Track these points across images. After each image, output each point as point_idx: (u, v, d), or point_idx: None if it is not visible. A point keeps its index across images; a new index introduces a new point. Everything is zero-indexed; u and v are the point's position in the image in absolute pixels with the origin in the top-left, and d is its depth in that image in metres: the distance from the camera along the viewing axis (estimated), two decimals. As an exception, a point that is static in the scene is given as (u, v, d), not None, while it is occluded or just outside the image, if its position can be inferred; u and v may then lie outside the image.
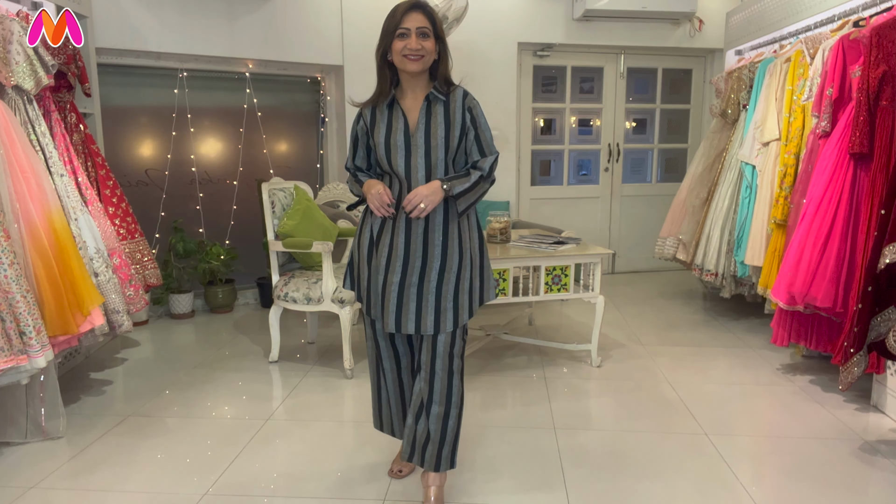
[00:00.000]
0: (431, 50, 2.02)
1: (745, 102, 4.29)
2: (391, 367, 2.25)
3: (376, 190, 2.04)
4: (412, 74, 2.04)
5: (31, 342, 2.38)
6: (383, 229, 2.09)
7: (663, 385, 3.25)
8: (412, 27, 1.98)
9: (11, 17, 2.78)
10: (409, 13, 2.00)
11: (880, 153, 2.66)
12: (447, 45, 2.08)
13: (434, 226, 2.05)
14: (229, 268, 4.65)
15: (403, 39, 1.99)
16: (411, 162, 2.03)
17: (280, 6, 4.71)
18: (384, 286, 2.06)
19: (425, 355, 2.09)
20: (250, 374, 3.44)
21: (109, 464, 2.46)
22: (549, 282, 3.30)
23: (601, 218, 6.02)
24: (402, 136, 2.04)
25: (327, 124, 5.25)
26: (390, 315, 2.05)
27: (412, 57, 1.99)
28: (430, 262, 2.04)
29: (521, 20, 5.34)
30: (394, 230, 2.06)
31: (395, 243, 2.05)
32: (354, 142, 2.19)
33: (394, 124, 2.05)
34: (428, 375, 2.09)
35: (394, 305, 2.04)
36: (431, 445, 2.12)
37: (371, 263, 2.12)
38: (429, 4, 2.06)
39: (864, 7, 3.39)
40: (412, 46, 1.98)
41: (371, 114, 2.10)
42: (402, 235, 2.05)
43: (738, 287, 4.22)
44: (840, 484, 2.31)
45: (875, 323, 2.58)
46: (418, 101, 2.07)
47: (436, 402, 2.10)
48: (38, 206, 2.61)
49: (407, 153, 2.03)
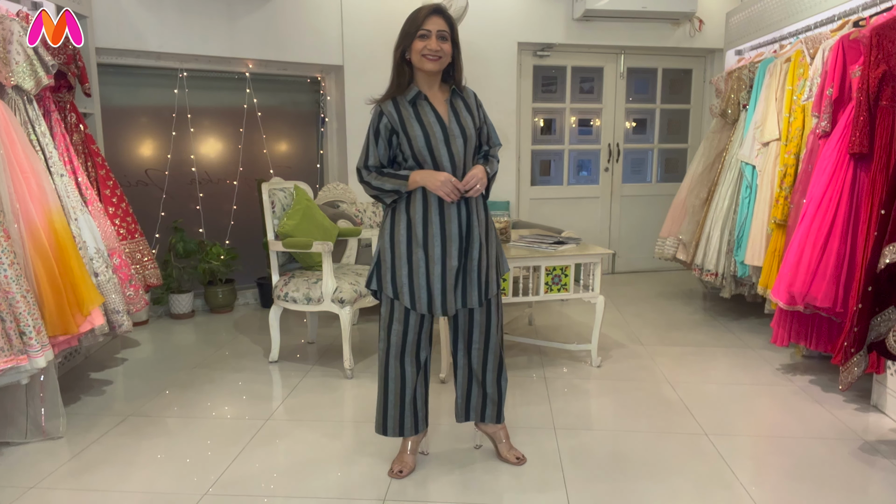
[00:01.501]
0: (448, 53, 2.18)
1: (745, 102, 4.29)
2: (425, 357, 2.35)
3: (445, 177, 2.14)
4: (428, 73, 2.19)
5: (31, 342, 2.38)
6: (428, 220, 2.19)
7: (663, 385, 3.25)
8: (433, 29, 2.14)
9: (11, 17, 2.78)
10: (431, 16, 2.15)
11: (880, 153, 2.66)
12: (461, 52, 2.24)
13: (473, 208, 2.23)
14: (229, 268, 4.65)
15: (424, 40, 2.14)
16: (452, 150, 2.18)
17: (280, 6, 4.71)
18: (444, 272, 2.20)
19: (479, 326, 2.32)
20: (250, 374, 3.44)
21: (109, 464, 2.45)
22: (549, 282, 3.30)
23: (601, 218, 6.02)
24: (439, 127, 2.18)
25: (327, 124, 5.25)
26: (452, 296, 2.21)
27: (431, 57, 2.14)
28: (477, 240, 2.23)
29: (521, 20, 5.33)
30: (444, 217, 2.19)
31: (449, 229, 2.19)
32: (375, 138, 2.22)
33: (424, 118, 2.18)
34: (483, 345, 2.35)
35: (460, 287, 2.23)
36: (491, 404, 2.43)
37: (413, 257, 2.20)
38: (448, 10, 2.21)
39: (864, 7, 3.39)
40: (432, 47, 2.13)
41: (395, 110, 2.19)
42: (455, 220, 2.19)
43: (738, 287, 4.22)
44: (840, 484, 2.31)
45: (875, 323, 2.58)
46: (437, 97, 2.24)
47: (491, 368, 2.38)
48: (38, 206, 2.61)
49: (446, 142, 2.18)
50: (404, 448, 2.40)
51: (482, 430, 2.53)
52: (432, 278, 2.20)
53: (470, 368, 2.39)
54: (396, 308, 2.26)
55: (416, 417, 2.38)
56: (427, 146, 2.16)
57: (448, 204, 2.18)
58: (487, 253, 2.28)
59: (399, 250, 2.21)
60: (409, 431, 2.37)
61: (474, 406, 2.44)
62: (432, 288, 2.21)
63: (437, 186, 2.13)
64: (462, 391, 2.44)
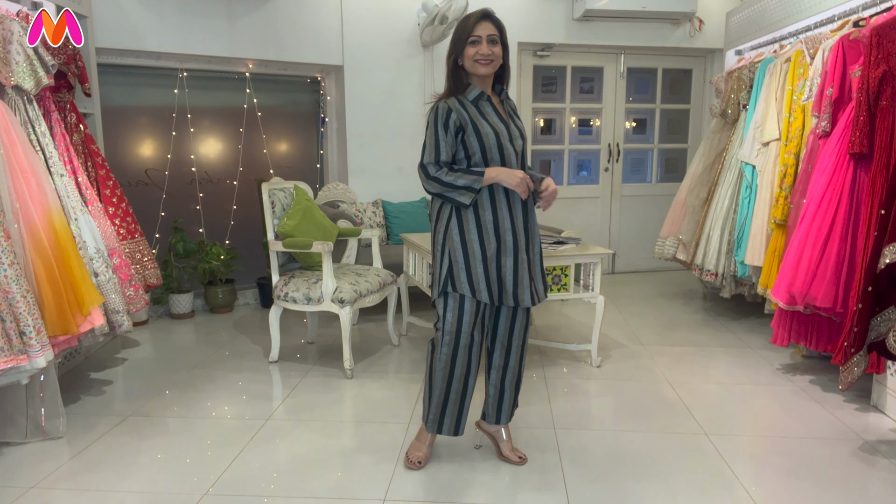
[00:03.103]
0: (499, 55, 2.24)
1: (745, 102, 4.29)
2: (477, 351, 2.37)
3: (522, 174, 2.22)
4: (482, 77, 2.27)
5: (31, 342, 2.38)
6: (498, 217, 2.26)
7: (663, 385, 3.25)
8: (483, 34, 2.20)
9: (11, 17, 2.78)
10: (480, 22, 2.22)
11: (880, 153, 2.65)
12: (509, 53, 2.30)
13: (530, 208, 2.36)
14: (229, 268, 4.65)
15: (475, 46, 2.21)
16: (516, 149, 2.29)
17: (280, 6, 4.71)
18: (516, 263, 2.28)
19: (519, 326, 2.40)
20: (250, 374, 3.44)
21: (109, 464, 2.45)
22: (549, 282, 3.30)
23: (601, 218, 6.02)
24: (504, 127, 2.27)
25: (327, 124, 5.25)
26: (525, 290, 2.30)
27: (483, 62, 2.21)
28: (536, 238, 2.38)
29: (521, 20, 5.33)
30: (512, 214, 2.28)
31: (517, 225, 2.29)
32: (445, 132, 2.23)
33: (489, 118, 2.26)
34: (519, 344, 2.42)
35: (527, 280, 2.31)
36: (508, 402, 2.48)
37: (487, 252, 2.26)
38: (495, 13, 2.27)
39: (864, 7, 3.39)
40: (483, 52, 2.20)
41: (462, 108, 2.24)
42: (521, 217, 2.30)
43: (738, 287, 4.22)
44: (840, 484, 2.31)
45: (875, 323, 2.58)
46: (496, 99, 2.33)
47: (513, 368, 2.44)
48: (38, 206, 2.61)
49: (511, 141, 2.28)
50: (430, 442, 2.46)
51: (484, 429, 2.54)
52: (505, 270, 2.27)
53: (505, 370, 2.44)
54: (467, 304, 2.28)
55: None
56: (497, 144, 2.24)
57: (513, 203, 2.28)
58: (540, 255, 2.40)
59: (472, 248, 2.25)
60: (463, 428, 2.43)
61: (506, 408, 2.49)
62: (504, 279, 2.27)
63: (517, 183, 2.21)
64: (495, 392, 2.47)
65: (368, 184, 5.11)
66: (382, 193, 5.08)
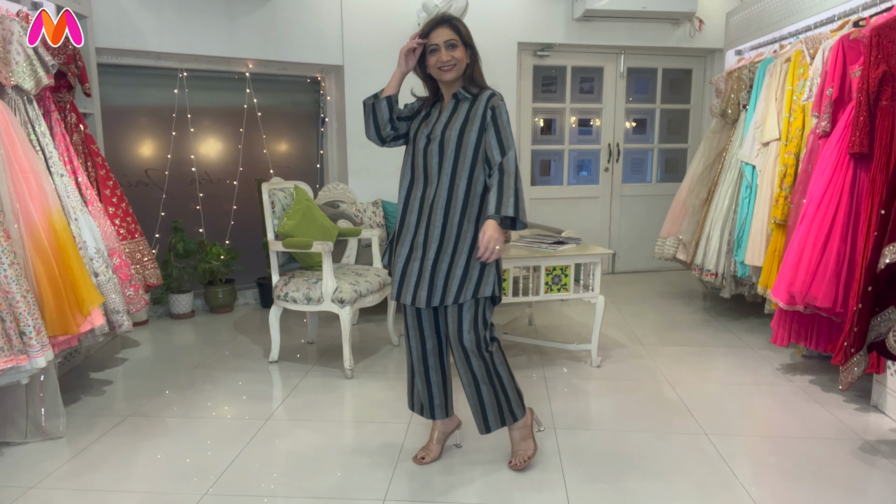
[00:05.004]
0: (462, 58, 2.23)
1: (745, 102, 4.29)
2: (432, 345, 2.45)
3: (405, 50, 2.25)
4: (450, 82, 2.27)
5: (31, 342, 2.38)
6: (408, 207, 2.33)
7: (663, 385, 3.25)
8: (440, 42, 2.20)
9: (11, 17, 2.78)
10: (435, 29, 2.21)
11: (880, 153, 2.65)
12: (477, 50, 2.28)
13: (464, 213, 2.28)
14: (229, 268, 4.65)
15: (435, 54, 2.22)
16: (429, 148, 2.26)
17: (280, 6, 4.71)
18: (407, 260, 2.30)
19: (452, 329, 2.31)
20: (250, 374, 3.44)
21: (109, 464, 2.45)
22: (549, 282, 3.30)
23: (601, 218, 6.02)
24: (429, 128, 2.28)
25: (327, 124, 5.25)
26: (410, 287, 2.29)
27: (445, 68, 2.22)
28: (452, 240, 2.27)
29: (521, 20, 5.33)
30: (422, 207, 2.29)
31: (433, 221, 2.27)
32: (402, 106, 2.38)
33: (429, 119, 2.32)
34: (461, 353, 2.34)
35: (416, 277, 2.28)
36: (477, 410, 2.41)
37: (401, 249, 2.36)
38: (454, 17, 2.27)
39: (864, 7, 3.39)
40: (443, 59, 2.20)
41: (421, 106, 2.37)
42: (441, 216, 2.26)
43: (738, 287, 4.22)
44: (840, 484, 2.31)
45: (875, 323, 2.58)
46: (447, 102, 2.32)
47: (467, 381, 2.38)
48: (38, 206, 2.61)
49: (427, 142, 2.27)
50: (431, 437, 2.49)
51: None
52: (397, 260, 2.30)
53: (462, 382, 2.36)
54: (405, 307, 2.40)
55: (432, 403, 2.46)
56: (413, 140, 2.32)
57: (429, 196, 2.24)
58: (452, 262, 2.20)
59: (396, 249, 2.36)
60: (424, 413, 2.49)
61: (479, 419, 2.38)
62: (394, 274, 2.31)
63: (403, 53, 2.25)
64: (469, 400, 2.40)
65: (368, 184, 5.11)
66: (382, 193, 5.08)
